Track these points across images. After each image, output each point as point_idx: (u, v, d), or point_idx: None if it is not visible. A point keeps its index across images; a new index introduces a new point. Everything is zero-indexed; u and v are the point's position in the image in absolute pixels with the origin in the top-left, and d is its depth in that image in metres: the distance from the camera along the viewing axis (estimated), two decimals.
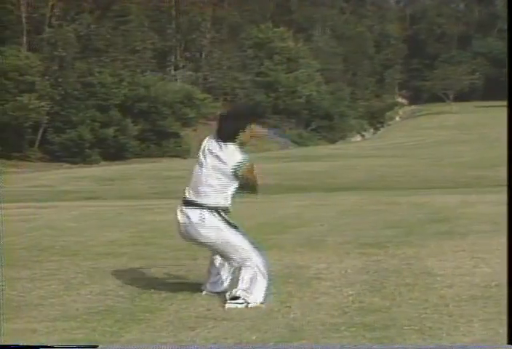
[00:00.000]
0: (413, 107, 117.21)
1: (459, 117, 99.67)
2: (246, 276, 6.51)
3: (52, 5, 66.43)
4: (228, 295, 6.55)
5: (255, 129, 6.68)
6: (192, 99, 71.82)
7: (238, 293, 6.46)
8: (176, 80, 79.38)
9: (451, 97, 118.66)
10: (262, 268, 6.55)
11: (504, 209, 14.94)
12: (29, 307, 6.71)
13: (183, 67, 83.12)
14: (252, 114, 6.95)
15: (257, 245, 6.72)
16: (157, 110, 67.32)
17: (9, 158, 57.68)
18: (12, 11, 63.42)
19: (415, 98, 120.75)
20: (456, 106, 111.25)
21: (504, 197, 19.14)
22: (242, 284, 6.49)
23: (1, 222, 14.61)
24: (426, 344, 5.19)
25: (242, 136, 6.61)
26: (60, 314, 6.38)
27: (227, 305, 6.45)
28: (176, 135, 69.63)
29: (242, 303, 6.44)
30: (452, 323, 5.68)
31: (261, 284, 6.53)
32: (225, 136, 6.56)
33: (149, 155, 64.26)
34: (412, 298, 6.61)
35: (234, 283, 6.63)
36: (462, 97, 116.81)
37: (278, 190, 27.44)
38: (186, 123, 71.24)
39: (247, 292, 6.46)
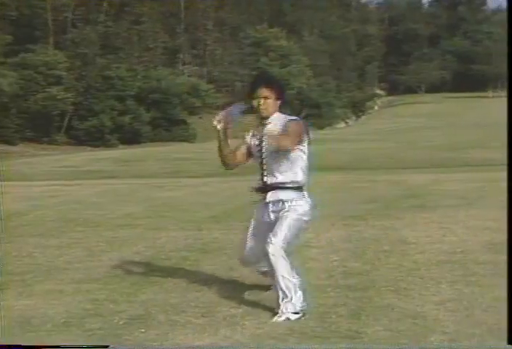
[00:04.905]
0: (390, 97, 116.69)
1: (430, 106, 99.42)
2: None
3: (74, 9, 66.26)
4: None
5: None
6: (198, 90, 71.75)
7: None
8: (184, 74, 79.14)
9: (423, 89, 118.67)
10: None
11: (469, 186, 14.90)
12: (57, 270, 6.72)
13: (190, 63, 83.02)
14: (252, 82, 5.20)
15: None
16: (167, 100, 67.23)
17: (39, 142, 57.85)
18: (41, 14, 63.38)
19: (392, 90, 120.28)
20: (428, 97, 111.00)
21: (469, 175, 19.09)
22: None
23: (34, 197, 14.59)
24: (405, 305, 5.18)
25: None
26: (84, 277, 6.38)
27: None
28: (184, 122, 69.48)
29: None
30: (423, 285, 5.69)
31: None
32: None
33: (160, 140, 64.15)
34: (389, 263, 6.61)
35: None
36: (433, 89, 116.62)
37: None
38: (193, 111, 71.22)
39: None
